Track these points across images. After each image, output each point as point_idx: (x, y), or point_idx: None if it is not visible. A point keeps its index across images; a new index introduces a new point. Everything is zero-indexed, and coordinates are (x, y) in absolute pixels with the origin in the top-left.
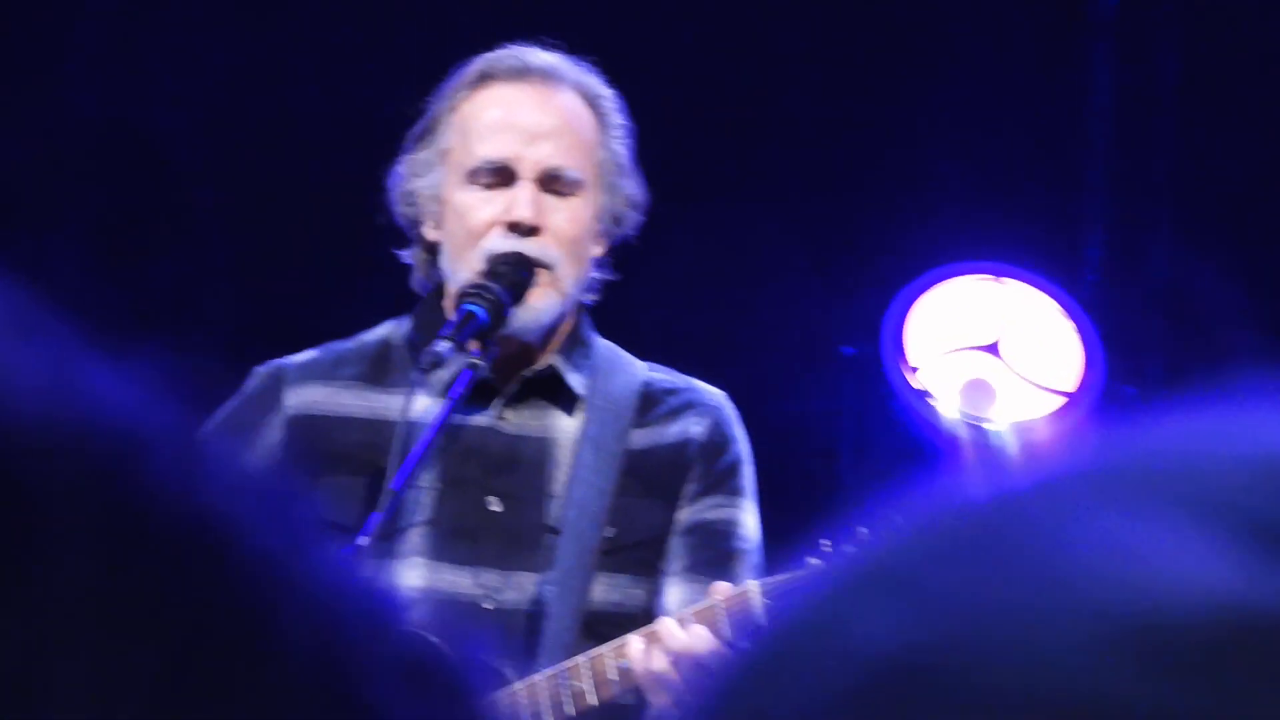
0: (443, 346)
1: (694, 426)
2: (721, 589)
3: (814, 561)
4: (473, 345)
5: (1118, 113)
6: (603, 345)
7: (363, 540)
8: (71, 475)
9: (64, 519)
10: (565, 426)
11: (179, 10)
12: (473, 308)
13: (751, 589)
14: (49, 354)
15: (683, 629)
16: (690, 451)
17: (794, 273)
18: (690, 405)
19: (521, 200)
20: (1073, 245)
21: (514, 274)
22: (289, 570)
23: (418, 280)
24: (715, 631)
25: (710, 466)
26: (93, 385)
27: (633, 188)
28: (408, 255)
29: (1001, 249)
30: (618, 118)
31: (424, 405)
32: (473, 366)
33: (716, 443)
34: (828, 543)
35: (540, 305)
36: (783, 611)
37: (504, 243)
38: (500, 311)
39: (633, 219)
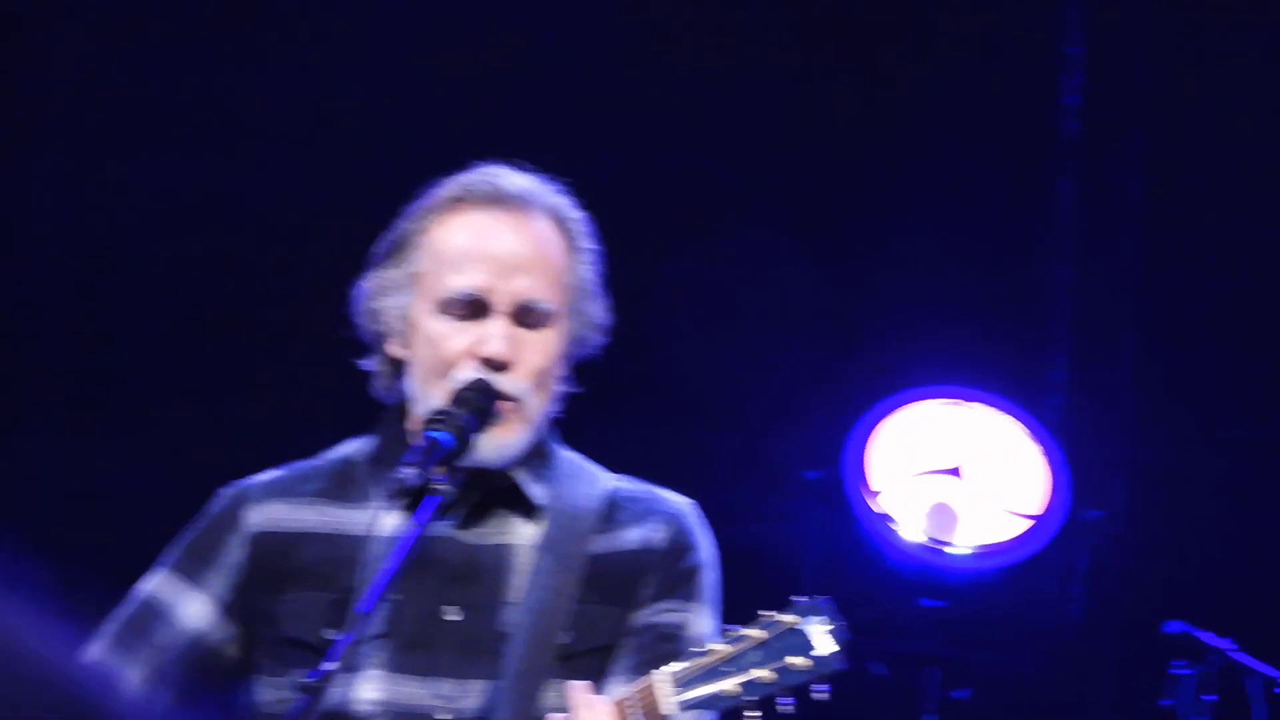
0: (407, 473)
1: (655, 533)
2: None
3: (717, 648)
4: (439, 471)
5: (1083, 237)
6: (566, 457)
7: (329, 665)
8: None
9: None
10: (525, 534)
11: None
12: (437, 435)
13: (659, 678)
14: None
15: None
16: (650, 557)
17: (760, 396)
18: (652, 512)
19: (494, 335)
20: (1037, 369)
21: (479, 400)
22: None
23: (379, 387)
24: None
25: (668, 571)
26: None
27: (597, 310)
28: (368, 364)
29: (966, 373)
30: (586, 241)
31: (389, 522)
32: (436, 493)
33: (676, 548)
34: (733, 630)
35: (509, 439)
36: None
37: (474, 374)
38: (465, 437)
39: (596, 340)
